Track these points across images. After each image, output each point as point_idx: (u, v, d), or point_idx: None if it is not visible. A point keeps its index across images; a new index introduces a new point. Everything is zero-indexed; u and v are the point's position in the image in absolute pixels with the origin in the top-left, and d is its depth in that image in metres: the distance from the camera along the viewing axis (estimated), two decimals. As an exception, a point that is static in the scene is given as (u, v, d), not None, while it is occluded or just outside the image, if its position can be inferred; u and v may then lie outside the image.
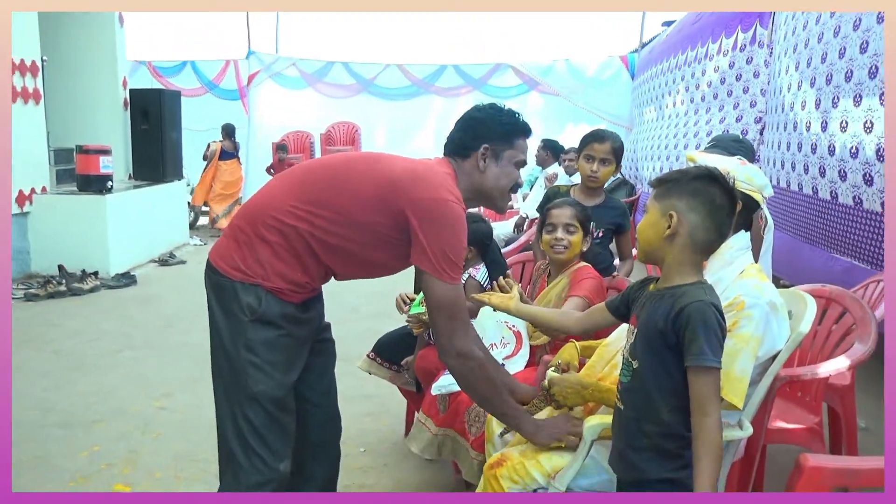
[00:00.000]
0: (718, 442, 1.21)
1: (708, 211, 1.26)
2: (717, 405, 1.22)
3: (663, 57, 7.36)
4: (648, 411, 1.28)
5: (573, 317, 1.65)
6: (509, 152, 1.64)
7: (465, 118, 1.68)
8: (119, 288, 5.20)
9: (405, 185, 1.49)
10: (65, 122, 6.47)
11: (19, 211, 5.28)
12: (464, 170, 1.63)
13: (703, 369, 1.21)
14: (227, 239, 1.59)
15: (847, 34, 3.15)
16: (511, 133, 1.64)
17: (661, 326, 1.25)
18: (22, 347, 3.74)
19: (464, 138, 1.64)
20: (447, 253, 1.48)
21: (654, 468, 1.27)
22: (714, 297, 1.26)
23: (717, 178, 1.28)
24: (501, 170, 1.64)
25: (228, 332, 1.54)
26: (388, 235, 1.53)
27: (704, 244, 1.28)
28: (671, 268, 1.30)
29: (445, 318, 1.52)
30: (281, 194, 1.56)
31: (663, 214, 1.28)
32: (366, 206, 1.51)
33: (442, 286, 1.49)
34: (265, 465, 1.55)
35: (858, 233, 3.03)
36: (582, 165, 2.53)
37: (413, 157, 1.66)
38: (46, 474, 2.35)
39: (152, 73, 10.28)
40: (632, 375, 1.31)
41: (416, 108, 9.71)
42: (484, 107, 1.68)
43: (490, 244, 2.49)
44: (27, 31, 5.33)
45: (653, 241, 1.30)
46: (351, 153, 1.73)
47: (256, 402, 1.54)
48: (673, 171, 1.34)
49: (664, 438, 1.27)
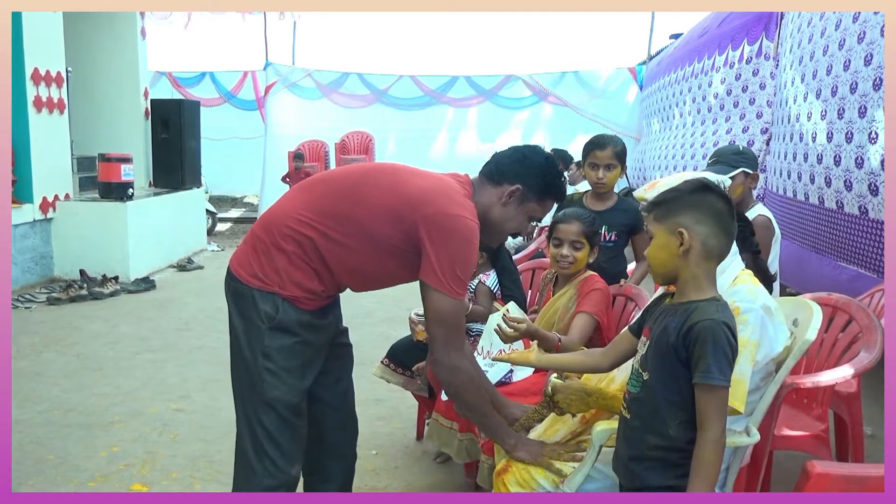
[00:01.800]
0: (712, 460, 1.22)
1: (714, 219, 1.29)
2: (717, 424, 1.23)
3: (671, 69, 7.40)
4: (655, 423, 1.30)
5: (598, 354, 1.59)
6: (533, 205, 1.65)
7: (520, 152, 1.67)
8: (138, 292, 5.29)
9: (418, 201, 1.51)
10: (88, 131, 6.61)
11: (43, 217, 5.42)
12: (484, 191, 1.63)
13: (708, 387, 1.22)
14: (246, 246, 1.63)
15: (851, 47, 3.18)
16: (547, 192, 1.65)
17: (672, 341, 1.26)
18: (45, 350, 3.84)
19: (507, 167, 1.63)
20: (454, 268, 1.49)
21: (656, 477, 1.30)
22: (727, 315, 1.27)
23: (710, 187, 1.32)
24: (517, 214, 1.64)
25: (246, 338, 1.58)
26: (401, 249, 1.54)
27: (718, 250, 1.30)
28: (686, 283, 1.31)
29: (444, 331, 1.53)
30: (298, 204, 1.59)
31: (671, 233, 1.29)
32: (380, 219, 1.53)
33: (444, 300, 1.50)
34: (277, 468, 1.59)
35: (864, 242, 3.04)
36: (588, 173, 2.57)
37: (431, 171, 1.65)
38: (67, 473, 2.42)
39: (172, 84, 10.49)
40: (641, 386, 1.33)
41: (428, 118, 9.81)
42: (541, 154, 1.67)
43: (501, 250, 2.53)
44: (52, 43, 5.48)
45: (668, 263, 1.31)
46: (369, 165, 1.73)
47: (271, 407, 1.57)
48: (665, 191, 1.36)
49: (668, 451, 1.29)
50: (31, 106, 5.22)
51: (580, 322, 2.03)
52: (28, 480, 2.36)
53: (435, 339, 1.56)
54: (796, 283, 3.73)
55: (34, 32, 5.22)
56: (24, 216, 5.21)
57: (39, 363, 3.61)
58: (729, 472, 1.50)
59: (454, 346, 1.55)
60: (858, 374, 1.89)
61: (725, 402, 1.25)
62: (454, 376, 1.56)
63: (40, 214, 5.37)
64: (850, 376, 1.88)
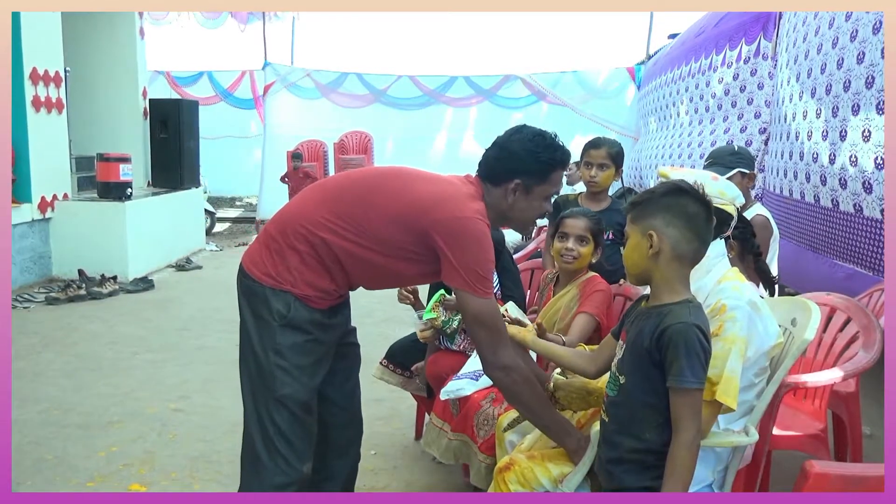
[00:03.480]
0: (686, 462, 1.23)
1: (684, 222, 1.29)
2: (691, 426, 1.24)
3: (668, 68, 7.41)
4: (631, 426, 1.31)
5: (586, 357, 1.60)
6: (541, 188, 1.61)
7: (502, 146, 1.62)
8: (137, 292, 5.29)
9: (427, 207, 1.52)
10: (86, 131, 6.61)
11: (41, 217, 5.41)
12: (492, 195, 1.61)
13: (682, 390, 1.23)
14: (260, 245, 1.64)
15: (844, 45, 3.19)
16: (547, 169, 1.59)
17: (646, 345, 1.28)
18: (43, 350, 3.83)
19: (496, 168, 1.60)
20: (475, 269, 1.50)
21: (632, 479, 1.31)
22: (699, 317, 1.27)
23: (685, 190, 1.31)
24: (529, 203, 1.62)
25: (258, 335, 1.59)
26: (412, 252, 1.56)
27: (689, 254, 1.30)
28: (659, 286, 1.32)
29: (486, 331, 1.53)
30: (313, 206, 1.60)
31: (643, 235, 1.31)
32: (391, 223, 1.54)
33: (477, 301, 1.51)
34: (289, 465, 1.59)
35: (859, 239, 3.05)
36: (582, 172, 2.64)
37: (439, 175, 1.64)
38: (66, 473, 2.41)
39: (170, 83, 10.48)
40: (618, 390, 1.34)
41: (427, 118, 9.81)
42: (524, 137, 1.60)
43: (502, 251, 2.54)
44: (51, 43, 5.48)
45: (639, 263, 1.33)
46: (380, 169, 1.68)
47: (283, 404, 1.58)
48: (643, 192, 1.37)
49: (645, 454, 1.30)
50: (29, 106, 5.21)
51: (581, 322, 2.04)
52: (27, 480, 2.36)
53: (479, 342, 1.56)
54: (793, 282, 3.74)
55: (33, 32, 5.21)
56: (23, 216, 5.21)
57: (38, 363, 3.61)
58: (728, 472, 1.51)
59: (500, 345, 1.54)
60: (857, 374, 1.90)
61: (699, 405, 1.26)
62: (507, 376, 1.55)
63: (39, 214, 5.37)
64: (849, 376, 1.88)
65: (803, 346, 1.53)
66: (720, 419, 1.44)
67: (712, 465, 1.46)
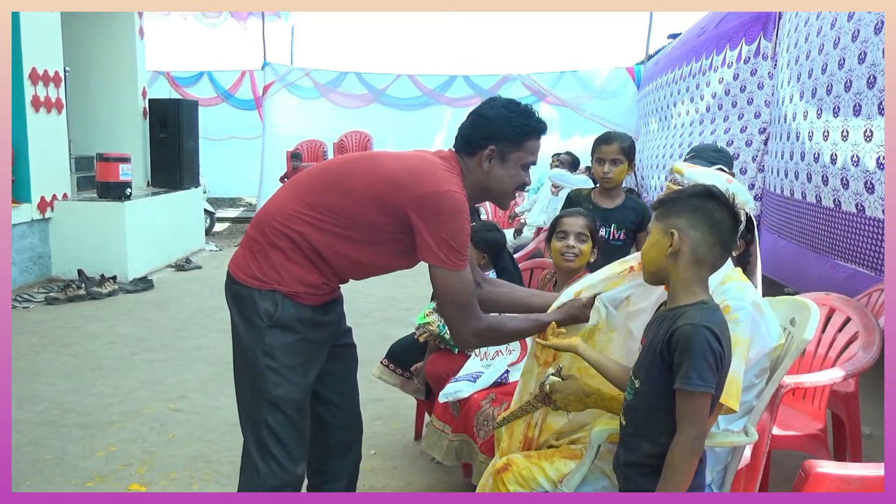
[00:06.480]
0: (679, 464, 1.22)
1: (708, 227, 1.28)
2: (689, 429, 1.22)
3: (668, 68, 7.42)
4: (647, 430, 1.30)
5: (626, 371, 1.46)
6: (516, 154, 1.59)
7: (475, 114, 1.62)
8: (136, 292, 5.29)
9: (403, 183, 1.50)
10: (86, 131, 6.60)
11: (41, 217, 5.41)
12: (469, 167, 1.60)
13: (686, 393, 1.22)
14: (243, 249, 1.63)
15: (846, 45, 3.19)
16: (521, 135, 1.58)
17: (659, 348, 1.27)
18: (43, 350, 3.83)
19: (471, 136, 1.60)
20: (448, 240, 1.48)
21: (649, 483, 1.30)
22: (712, 318, 1.25)
23: (714, 195, 1.30)
24: (506, 172, 1.60)
25: (248, 338, 1.58)
26: (392, 233, 1.54)
27: (709, 259, 1.29)
28: (676, 287, 1.31)
29: (455, 308, 1.53)
30: (287, 200, 1.59)
31: (665, 233, 1.30)
32: (368, 206, 1.52)
33: (446, 275, 1.49)
34: (281, 468, 1.59)
35: (861, 239, 3.05)
36: (595, 168, 2.61)
37: (411, 151, 1.64)
38: (65, 473, 2.41)
39: (170, 84, 10.47)
40: (634, 394, 1.34)
41: (426, 118, 9.82)
42: (497, 104, 1.61)
43: (503, 252, 2.53)
44: (51, 43, 5.47)
45: (657, 261, 1.32)
46: (350, 155, 1.77)
47: (276, 406, 1.57)
48: (672, 191, 1.36)
49: (660, 458, 1.29)
50: (28, 106, 5.21)
51: None
52: (26, 480, 2.36)
53: (450, 320, 1.57)
54: (794, 282, 3.74)
55: (32, 32, 5.21)
56: (22, 216, 5.20)
57: (37, 363, 3.61)
58: (727, 472, 1.51)
59: (470, 318, 1.55)
60: (856, 374, 1.90)
61: (702, 408, 1.24)
62: (481, 340, 1.61)
63: (38, 214, 5.36)
64: (849, 376, 1.88)
65: (802, 346, 1.53)
66: (720, 419, 1.44)
67: (711, 465, 1.46)
